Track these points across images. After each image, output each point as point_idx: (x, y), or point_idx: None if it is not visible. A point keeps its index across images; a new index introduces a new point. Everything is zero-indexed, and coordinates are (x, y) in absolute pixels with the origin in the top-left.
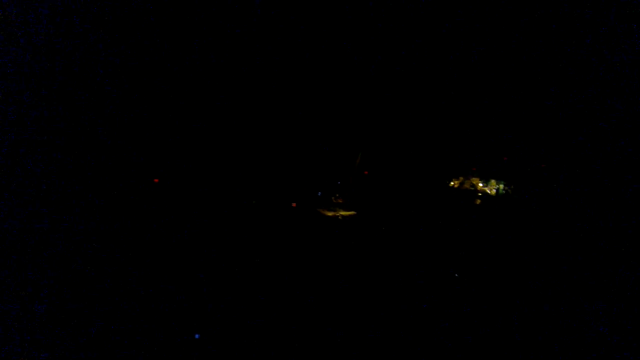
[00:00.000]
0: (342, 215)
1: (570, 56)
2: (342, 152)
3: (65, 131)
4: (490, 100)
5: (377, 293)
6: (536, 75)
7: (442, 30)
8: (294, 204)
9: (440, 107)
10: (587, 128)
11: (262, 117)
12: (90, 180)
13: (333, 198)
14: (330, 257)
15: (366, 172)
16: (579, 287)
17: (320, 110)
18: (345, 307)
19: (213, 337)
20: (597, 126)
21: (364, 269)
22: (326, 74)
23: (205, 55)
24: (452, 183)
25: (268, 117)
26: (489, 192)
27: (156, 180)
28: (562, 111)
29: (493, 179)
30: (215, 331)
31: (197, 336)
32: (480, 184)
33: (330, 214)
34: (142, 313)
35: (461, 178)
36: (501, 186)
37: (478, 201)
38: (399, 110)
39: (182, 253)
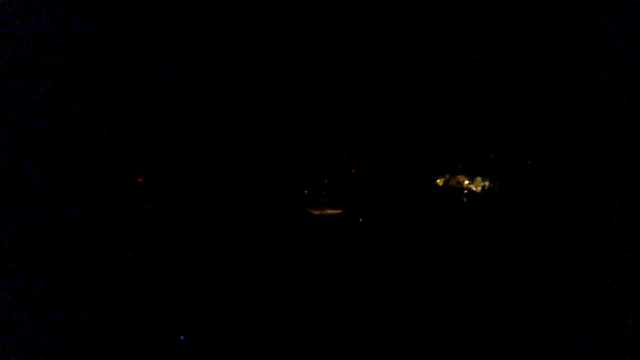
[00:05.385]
0: (329, 214)
1: (557, 51)
2: (328, 150)
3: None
4: (476, 96)
5: (363, 290)
6: (522, 72)
7: (428, 25)
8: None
9: (426, 104)
10: (575, 124)
11: (247, 113)
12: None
13: (319, 197)
14: (317, 255)
15: (353, 171)
16: (568, 284)
17: (305, 108)
18: (332, 304)
19: (197, 338)
20: (586, 123)
21: (351, 267)
22: (311, 70)
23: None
24: (438, 181)
25: (253, 114)
26: (474, 189)
27: (140, 179)
28: (548, 107)
29: (479, 176)
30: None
31: (182, 337)
32: (467, 182)
33: (316, 212)
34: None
35: (447, 175)
36: (487, 183)
37: (464, 199)
38: (385, 108)
39: (165, 251)
